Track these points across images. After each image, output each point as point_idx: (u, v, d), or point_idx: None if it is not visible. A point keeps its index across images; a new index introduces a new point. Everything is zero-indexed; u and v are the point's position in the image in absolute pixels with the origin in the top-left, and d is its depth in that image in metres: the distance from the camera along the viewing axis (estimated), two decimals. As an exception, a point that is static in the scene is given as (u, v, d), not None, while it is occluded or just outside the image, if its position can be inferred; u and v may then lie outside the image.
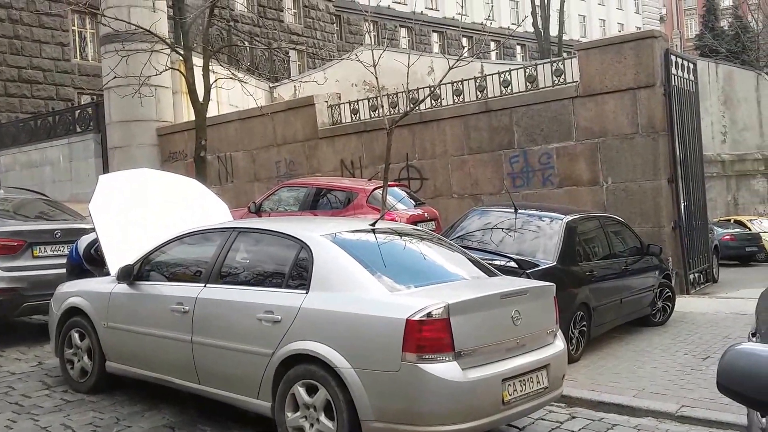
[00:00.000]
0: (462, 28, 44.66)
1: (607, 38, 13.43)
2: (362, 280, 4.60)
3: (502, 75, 13.29)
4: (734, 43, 39.34)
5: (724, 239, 18.70)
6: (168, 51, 15.69)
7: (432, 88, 11.44)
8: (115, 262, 6.33)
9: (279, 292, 4.86)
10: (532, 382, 4.62)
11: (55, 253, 8.28)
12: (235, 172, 16.67)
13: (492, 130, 13.11)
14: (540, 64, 12.97)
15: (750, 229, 20.92)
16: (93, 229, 8.23)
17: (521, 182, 12.81)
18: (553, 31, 34.00)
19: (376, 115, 14.95)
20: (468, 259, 5.46)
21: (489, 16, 47.93)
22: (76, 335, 6.32)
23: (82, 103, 25.48)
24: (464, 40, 47.31)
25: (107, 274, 7.20)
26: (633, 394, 5.89)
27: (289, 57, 32.12)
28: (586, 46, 12.63)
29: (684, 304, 9.98)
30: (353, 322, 4.40)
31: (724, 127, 24.17)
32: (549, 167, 12.54)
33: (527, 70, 13.20)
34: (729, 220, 21.25)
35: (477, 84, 13.59)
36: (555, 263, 7.12)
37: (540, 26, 33.12)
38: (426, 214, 10.82)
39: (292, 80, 22.72)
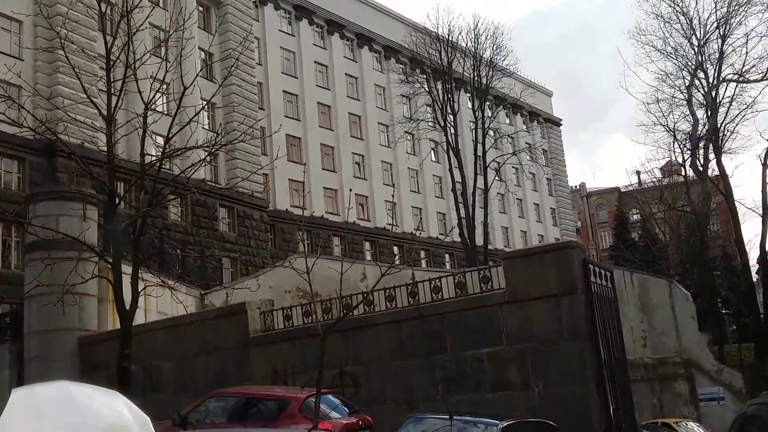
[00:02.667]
0: (393, 237, 46.48)
1: (529, 248, 14.27)
2: None
3: (433, 282, 13.76)
4: (645, 253, 42.05)
5: (655, 443, 18.66)
6: (96, 259, 15.73)
7: (365, 294, 11.74)
8: None
9: None
10: None
11: None
12: (160, 382, 16.06)
13: (425, 335, 13.30)
14: (468, 271, 13.55)
15: (676, 432, 21.01)
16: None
17: (455, 387, 12.79)
18: (479, 240, 35.85)
19: (310, 321, 15.01)
20: None
21: (418, 227, 50.49)
22: None
23: (1, 312, 24.66)
24: (395, 249, 49.01)
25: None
26: None
27: (221, 264, 32.48)
28: (510, 255, 13.37)
29: None
30: None
31: (643, 332, 25.06)
32: (481, 372, 12.64)
33: (456, 278, 13.73)
34: (657, 423, 21.34)
35: (409, 290, 13.98)
36: (491, 471, 7.01)
37: (467, 236, 34.84)
38: (361, 422, 10.59)
39: (224, 287, 22.79)
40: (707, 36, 34.94)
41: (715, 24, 34.42)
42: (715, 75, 34.90)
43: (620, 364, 12.97)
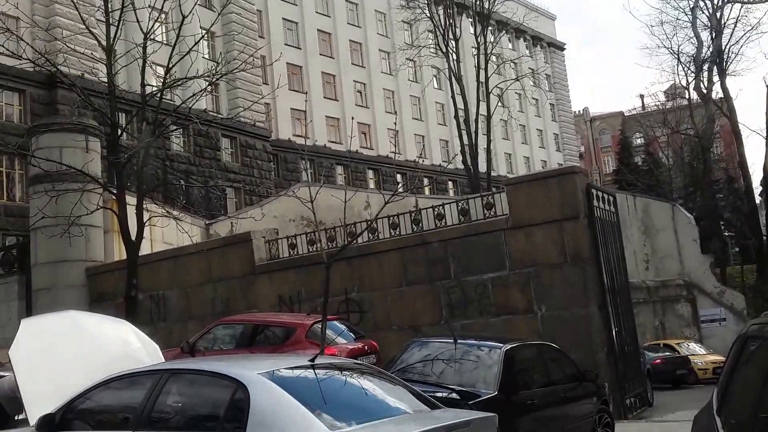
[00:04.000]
0: (396, 165, 46.39)
1: (532, 174, 14.24)
2: (302, 421, 4.48)
3: (436, 209, 13.77)
4: (648, 177, 41.95)
5: (655, 363, 19.06)
6: (100, 190, 15.73)
7: (369, 222, 11.75)
8: (36, 411, 6.04)
9: None
10: None
11: None
12: (168, 311, 16.33)
13: (429, 262, 13.40)
14: (471, 198, 13.54)
15: (679, 353, 21.43)
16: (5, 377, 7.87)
17: (459, 312, 12.97)
18: (482, 167, 35.69)
19: (314, 249, 15.12)
20: (410, 392, 5.45)
21: (421, 154, 50.23)
22: None
23: (7, 244, 24.84)
24: (399, 176, 48.94)
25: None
26: None
27: (226, 194, 32.47)
28: (513, 181, 13.32)
29: (622, 429, 10.02)
30: None
31: (646, 255, 25.25)
32: (485, 297, 12.79)
33: (460, 204, 13.73)
34: (659, 344, 21.76)
35: (412, 218, 14.02)
36: (496, 393, 7.15)
37: (469, 163, 34.67)
38: (366, 347, 10.77)
39: (229, 217, 22.86)
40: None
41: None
42: (720, -5, 34.10)
43: (623, 287, 13.10)
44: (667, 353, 21.07)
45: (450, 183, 52.46)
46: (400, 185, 35.36)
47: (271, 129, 41.96)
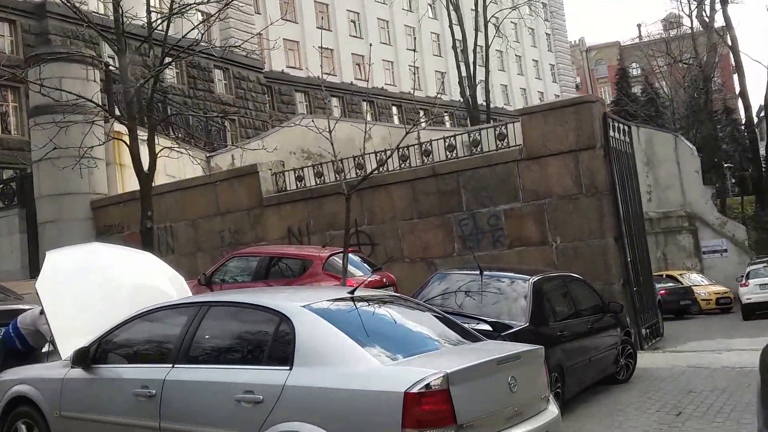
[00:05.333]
0: (391, 97, 45.70)
1: (547, 103, 13.93)
2: (351, 353, 4.36)
3: (447, 140, 13.53)
4: (648, 108, 41.57)
5: (660, 294, 19.23)
6: (103, 122, 15.34)
7: (398, 148, 11.13)
8: (66, 345, 5.93)
9: (258, 369, 4.56)
10: None
11: None
12: (176, 243, 16.21)
13: (440, 193, 13.24)
14: (483, 128, 13.29)
15: (682, 284, 21.64)
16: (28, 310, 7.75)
17: (472, 244, 12.90)
18: (479, 100, 35.20)
19: (322, 181, 14.92)
20: (449, 324, 5.33)
21: (416, 86, 49.44)
22: (24, 427, 5.81)
23: (5, 177, 24.45)
24: (394, 108, 48.33)
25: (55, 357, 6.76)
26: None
27: (226, 126, 31.98)
28: (528, 111, 13.05)
29: (640, 360, 10.09)
30: (345, 398, 4.14)
31: (649, 187, 25.19)
32: (498, 229, 12.70)
33: (471, 135, 13.48)
34: (661, 275, 21.94)
35: (423, 149, 13.79)
36: (527, 324, 7.10)
37: (468, 95, 34.17)
38: (384, 279, 10.70)
39: (230, 149, 22.51)
40: None
41: None
42: None
43: (637, 218, 13.02)
44: (670, 284, 21.26)
45: (446, 116, 51.85)
46: (423, 119, 34.45)
47: (264, 60, 41.04)
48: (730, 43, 34.20)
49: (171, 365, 4.99)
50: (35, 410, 5.73)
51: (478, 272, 7.88)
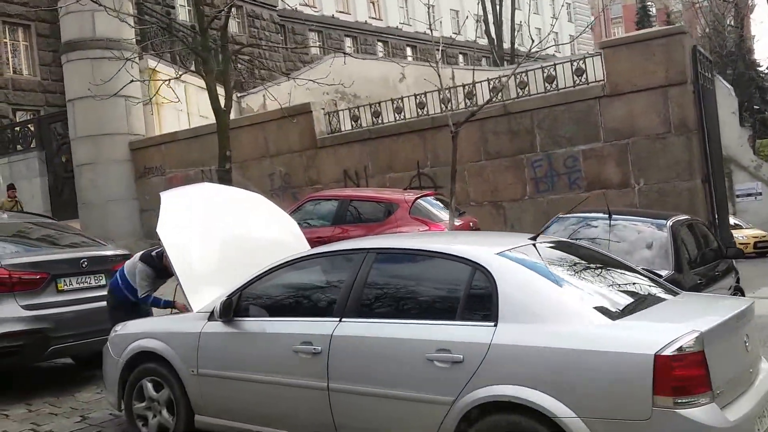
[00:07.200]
0: (405, 36, 44.45)
1: (633, 35, 13.10)
2: (571, 308, 3.80)
3: (519, 76, 12.74)
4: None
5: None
6: (137, 59, 14.53)
7: (508, 77, 10.32)
8: (195, 296, 5.33)
9: (455, 325, 3.97)
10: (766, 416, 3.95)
11: (82, 285, 7.02)
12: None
13: (511, 133, 12.56)
14: (559, 63, 12.51)
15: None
16: (122, 256, 7.16)
17: (546, 187, 12.32)
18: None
19: (379, 121, 14.20)
20: (643, 274, 4.73)
21: (432, 25, 48.05)
22: (150, 386, 5.20)
23: (20, 120, 23.54)
24: (408, 49, 47.08)
25: (168, 305, 6.21)
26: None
27: (254, 65, 30.90)
28: (612, 44, 12.29)
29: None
30: (574, 360, 3.57)
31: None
32: (575, 170, 12.08)
33: (545, 71, 12.71)
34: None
35: (491, 86, 13.03)
36: (673, 271, 6.54)
37: (493, 34, 33.06)
38: (470, 223, 10.12)
39: (260, 89, 21.63)
40: None
41: None
42: None
43: (719, 158, 12.41)
44: (712, 228, 20.77)
45: (461, 57, 50.57)
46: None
47: (276, -3, 39.60)
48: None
49: (338, 319, 4.39)
50: (165, 367, 5.15)
51: (605, 215, 7.27)
